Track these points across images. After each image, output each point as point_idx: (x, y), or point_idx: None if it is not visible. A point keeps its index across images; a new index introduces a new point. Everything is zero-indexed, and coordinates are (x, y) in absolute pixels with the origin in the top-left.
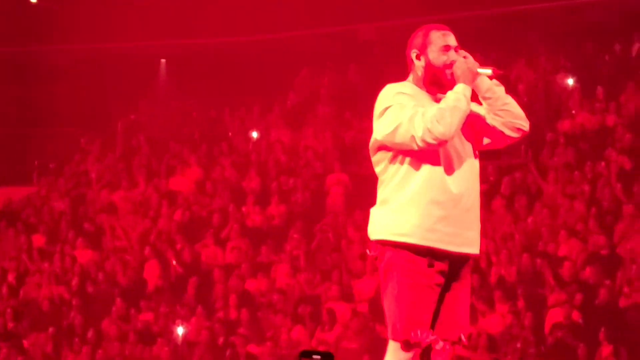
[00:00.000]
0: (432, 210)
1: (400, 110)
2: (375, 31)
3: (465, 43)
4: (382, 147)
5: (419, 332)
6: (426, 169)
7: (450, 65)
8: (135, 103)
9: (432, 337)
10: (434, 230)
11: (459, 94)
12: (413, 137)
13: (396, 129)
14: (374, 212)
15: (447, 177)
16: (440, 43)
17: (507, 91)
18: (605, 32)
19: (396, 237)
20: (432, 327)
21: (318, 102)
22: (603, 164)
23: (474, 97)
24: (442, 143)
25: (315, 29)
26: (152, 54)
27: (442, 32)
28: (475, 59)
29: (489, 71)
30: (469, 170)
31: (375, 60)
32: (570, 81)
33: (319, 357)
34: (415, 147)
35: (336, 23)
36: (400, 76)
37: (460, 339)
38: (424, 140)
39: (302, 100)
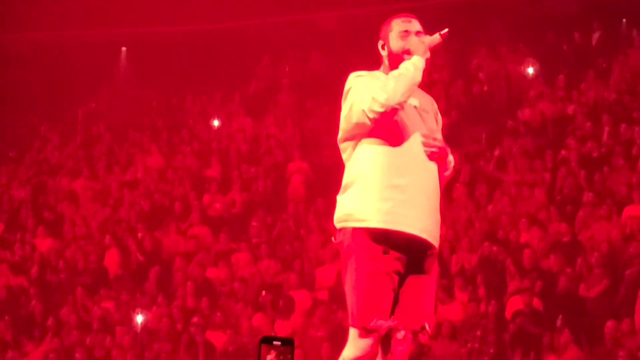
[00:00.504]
0: (391, 193)
1: (355, 91)
2: (336, 20)
3: (426, 31)
4: (348, 138)
5: (376, 319)
6: (386, 152)
7: (409, 50)
8: (96, 91)
9: (390, 324)
10: (392, 212)
11: (408, 63)
12: (363, 111)
13: (351, 107)
14: (338, 199)
15: (407, 162)
16: (399, 29)
17: (468, 80)
18: (566, 21)
19: (354, 222)
20: (392, 314)
21: (279, 90)
22: (563, 152)
23: None
24: (392, 112)
25: (277, 17)
26: (112, 41)
27: (403, 18)
28: (436, 46)
29: (436, 36)
30: (429, 162)
31: (336, 48)
32: (531, 70)
33: (279, 342)
34: (369, 122)
35: (297, 11)
36: (361, 65)
37: (423, 328)
38: (372, 111)
39: (264, 89)
